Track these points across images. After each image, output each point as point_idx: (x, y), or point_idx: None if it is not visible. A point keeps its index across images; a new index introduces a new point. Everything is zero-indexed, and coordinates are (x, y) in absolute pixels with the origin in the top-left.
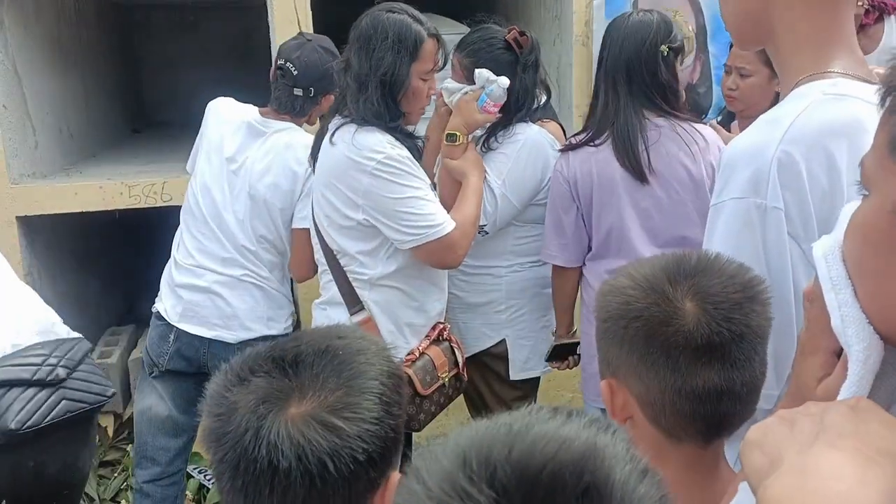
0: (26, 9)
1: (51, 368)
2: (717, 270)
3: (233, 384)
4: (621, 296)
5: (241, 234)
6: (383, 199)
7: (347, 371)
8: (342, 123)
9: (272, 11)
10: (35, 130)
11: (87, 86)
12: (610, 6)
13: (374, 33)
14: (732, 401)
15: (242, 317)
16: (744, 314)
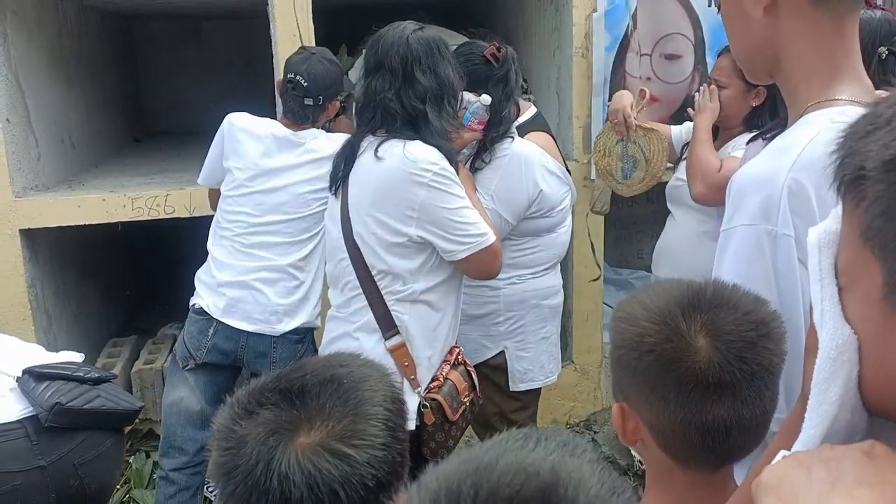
0: (29, 22)
1: (87, 370)
2: (732, 306)
3: (241, 417)
4: (636, 326)
5: (283, 236)
6: (439, 211)
7: (353, 399)
8: (385, 139)
9: (274, 24)
10: (38, 142)
11: (88, 96)
12: (610, 18)
13: (428, 52)
14: (742, 434)
15: (282, 311)
16: (756, 353)
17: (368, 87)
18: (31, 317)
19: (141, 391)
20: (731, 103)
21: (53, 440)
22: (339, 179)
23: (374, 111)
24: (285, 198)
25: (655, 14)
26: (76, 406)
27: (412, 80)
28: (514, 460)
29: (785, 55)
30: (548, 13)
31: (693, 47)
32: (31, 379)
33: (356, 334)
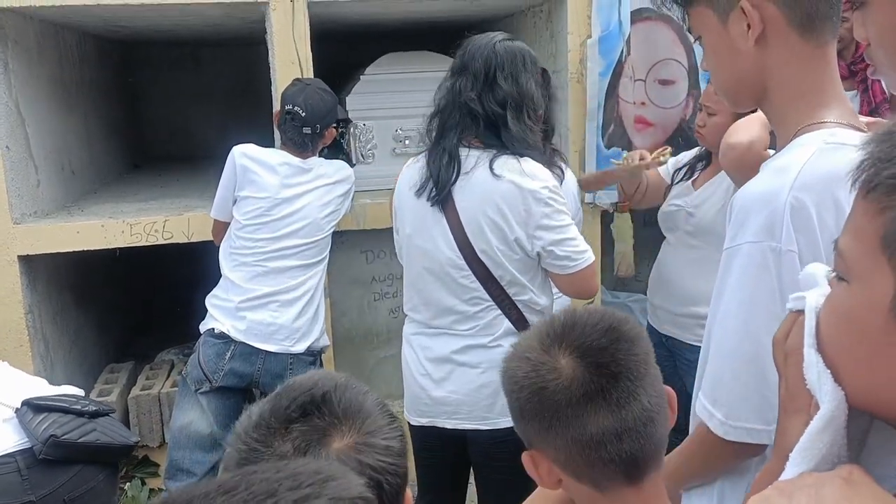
0: (30, 50)
1: (85, 403)
2: (581, 323)
3: (269, 438)
4: (508, 371)
5: (298, 259)
6: (555, 227)
7: (364, 399)
8: (497, 154)
9: (273, 51)
10: (37, 169)
11: (88, 123)
12: (604, 44)
13: (513, 60)
14: (632, 438)
15: (298, 332)
16: (610, 355)
17: (452, 87)
18: (28, 343)
19: (138, 417)
20: (720, 130)
21: (45, 474)
22: (445, 192)
23: (458, 113)
24: (301, 224)
25: (649, 40)
26: (71, 439)
27: (493, 84)
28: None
29: (773, 82)
30: (543, 39)
31: (686, 72)
32: (29, 410)
33: (493, 343)
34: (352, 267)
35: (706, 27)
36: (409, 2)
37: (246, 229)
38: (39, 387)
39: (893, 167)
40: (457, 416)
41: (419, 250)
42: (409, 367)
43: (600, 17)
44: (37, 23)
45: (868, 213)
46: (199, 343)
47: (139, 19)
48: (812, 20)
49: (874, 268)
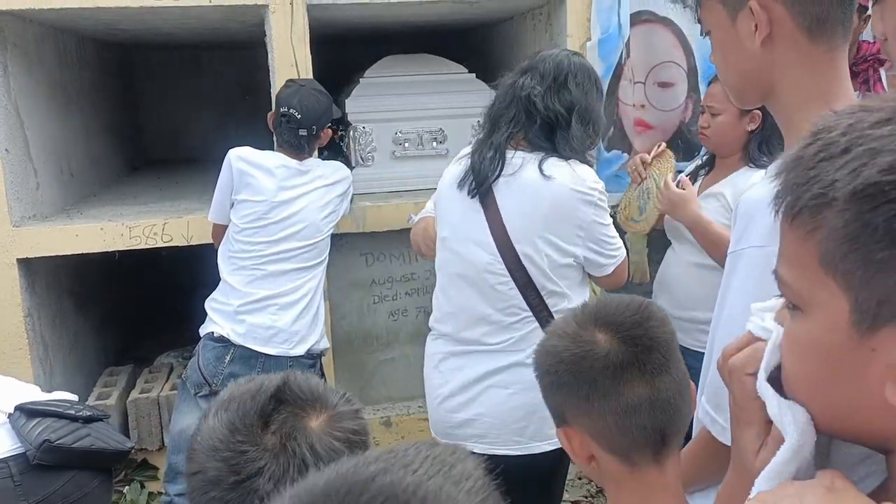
0: (29, 53)
1: (79, 408)
2: (613, 304)
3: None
4: (547, 346)
5: (297, 262)
6: (600, 228)
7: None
8: (545, 156)
9: (272, 54)
10: (37, 172)
11: (87, 126)
12: (604, 47)
13: (586, 74)
14: (663, 409)
15: (297, 335)
16: (645, 330)
17: (514, 84)
18: (27, 346)
19: (137, 420)
20: (725, 129)
21: (38, 480)
22: (486, 186)
23: (515, 108)
24: (299, 226)
25: (649, 43)
26: (65, 444)
27: (563, 86)
28: (388, 483)
29: (780, 83)
30: (543, 42)
31: (686, 75)
32: (23, 415)
33: (529, 360)
34: (351, 270)
35: (715, 22)
36: (408, 4)
37: (244, 233)
38: (32, 393)
39: (811, 189)
40: (485, 439)
41: (453, 254)
42: (433, 389)
43: (600, 20)
44: (36, 26)
45: (798, 240)
46: (199, 347)
47: (138, 22)
48: (822, 24)
49: (822, 290)
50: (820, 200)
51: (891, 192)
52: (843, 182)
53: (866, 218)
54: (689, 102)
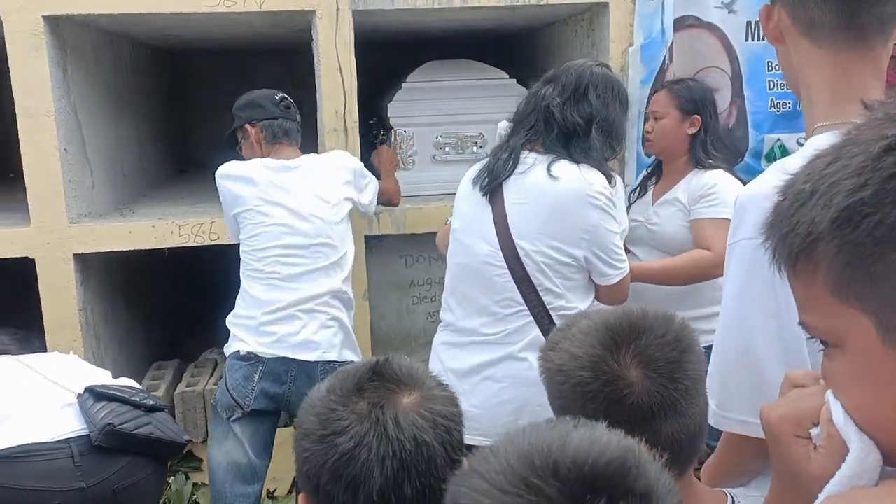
0: (87, 58)
1: (144, 396)
2: (650, 331)
3: (345, 399)
4: (573, 378)
5: (314, 261)
6: (607, 234)
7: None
8: (556, 158)
9: (318, 59)
10: (92, 172)
11: (139, 129)
12: (646, 52)
13: (608, 86)
14: (690, 442)
15: (325, 340)
16: (683, 369)
17: (536, 93)
18: (81, 338)
19: (183, 413)
20: (667, 132)
21: (97, 463)
22: (496, 184)
23: (534, 117)
24: (300, 222)
25: (692, 48)
26: (127, 430)
27: (583, 97)
28: (587, 433)
29: (800, 81)
30: (584, 48)
31: (730, 80)
32: (91, 397)
33: (522, 354)
34: (391, 271)
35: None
36: (449, 11)
37: (249, 242)
38: (102, 377)
39: (798, 234)
40: (476, 431)
41: (460, 245)
42: None
43: (643, 25)
44: (93, 31)
45: (806, 284)
46: (226, 368)
47: (189, 28)
48: (817, 28)
49: (844, 319)
50: (809, 240)
51: (862, 209)
52: (820, 217)
53: (852, 237)
54: (732, 108)
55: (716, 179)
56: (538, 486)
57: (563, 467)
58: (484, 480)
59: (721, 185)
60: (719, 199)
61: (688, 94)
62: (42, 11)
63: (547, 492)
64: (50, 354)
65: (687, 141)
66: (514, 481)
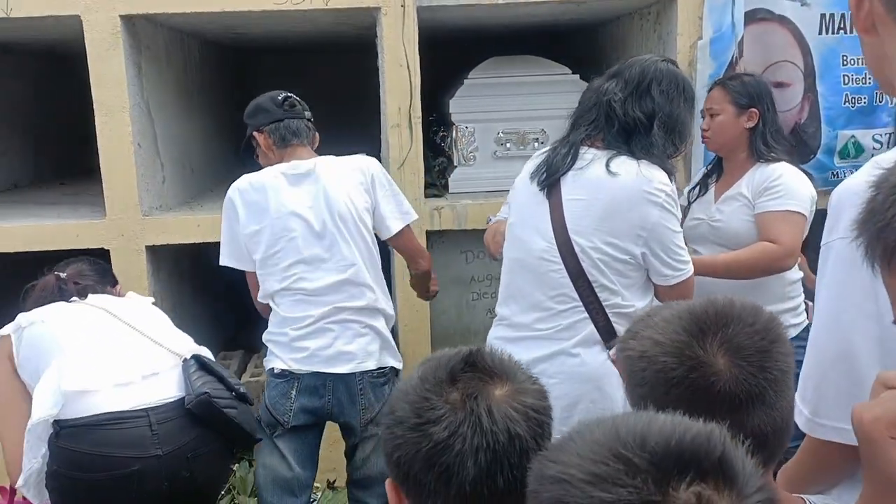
0: (159, 56)
1: (239, 383)
2: (737, 321)
3: (439, 388)
4: (655, 364)
5: (339, 273)
6: (668, 233)
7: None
8: (615, 154)
9: (382, 55)
10: (163, 166)
11: (206, 125)
12: (715, 46)
13: (673, 82)
14: (776, 436)
15: (361, 352)
16: (773, 359)
17: (599, 87)
18: None
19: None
20: (725, 128)
21: (172, 432)
22: (554, 179)
23: (595, 111)
24: (325, 234)
25: (763, 41)
26: (218, 404)
27: (646, 93)
28: (671, 419)
29: (892, 71)
30: (650, 42)
31: (803, 75)
32: (196, 365)
33: (575, 350)
34: (451, 266)
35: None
36: (513, 5)
37: (270, 261)
38: (205, 351)
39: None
40: None
41: (516, 240)
42: None
43: (712, 19)
44: (166, 30)
45: None
46: (265, 385)
47: (256, 27)
48: None
49: None
50: None
51: None
52: None
53: None
54: (805, 103)
55: (780, 171)
56: (627, 457)
57: (652, 440)
58: (571, 454)
59: (786, 176)
60: (784, 191)
61: (742, 89)
62: (119, 11)
63: (636, 462)
64: (135, 302)
65: (745, 135)
66: (602, 452)
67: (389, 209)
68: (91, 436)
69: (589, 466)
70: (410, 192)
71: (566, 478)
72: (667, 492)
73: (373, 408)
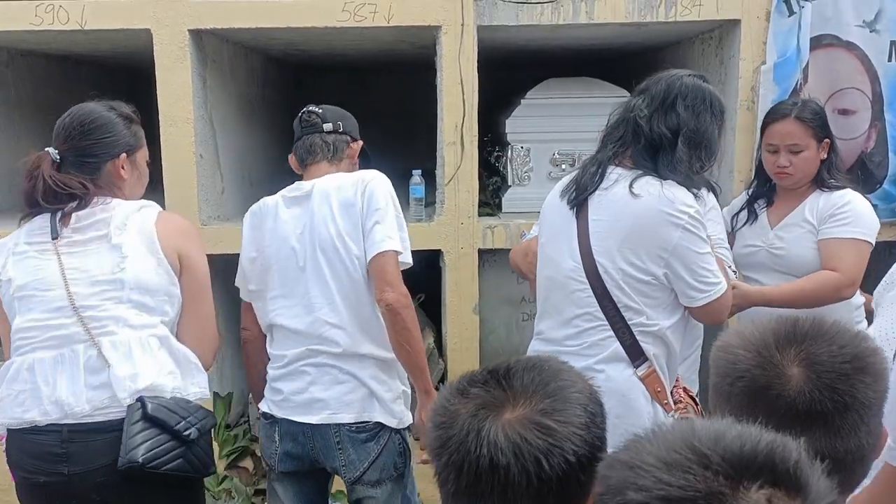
0: (223, 70)
1: (189, 425)
2: (828, 338)
3: (454, 396)
4: (730, 354)
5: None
6: (690, 254)
7: (554, 383)
8: (640, 175)
9: (441, 74)
10: (223, 177)
11: (265, 139)
12: (779, 71)
13: (699, 97)
14: (838, 468)
15: (335, 401)
16: (850, 385)
17: (627, 104)
18: None
19: None
20: (810, 164)
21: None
22: (583, 198)
23: (623, 127)
24: (311, 263)
25: (830, 67)
26: (154, 467)
27: (671, 109)
28: (739, 428)
29: None
30: (712, 66)
31: (870, 103)
32: (139, 415)
33: (599, 366)
34: (503, 286)
35: None
36: (576, 27)
37: (260, 293)
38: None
39: None
40: None
41: (548, 259)
42: None
43: (776, 43)
44: (231, 45)
45: None
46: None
47: (318, 43)
48: None
49: None
50: None
51: None
52: None
53: None
54: (872, 132)
55: (848, 197)
56: (701, 451)
57: (727, 440)
58: (645, 444)
59: (854, 203)
60: (852, 217)
61: (819, 121)
62: (188, 25)
63: (710, 455)
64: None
65: (820, 167)
66: (676, 444)
67: (373, 232)
68: (15, 440)
69: (662, 454)
70: (464, 210)
71: (637, 462)
72: (737, 489)
73: (354, 466)
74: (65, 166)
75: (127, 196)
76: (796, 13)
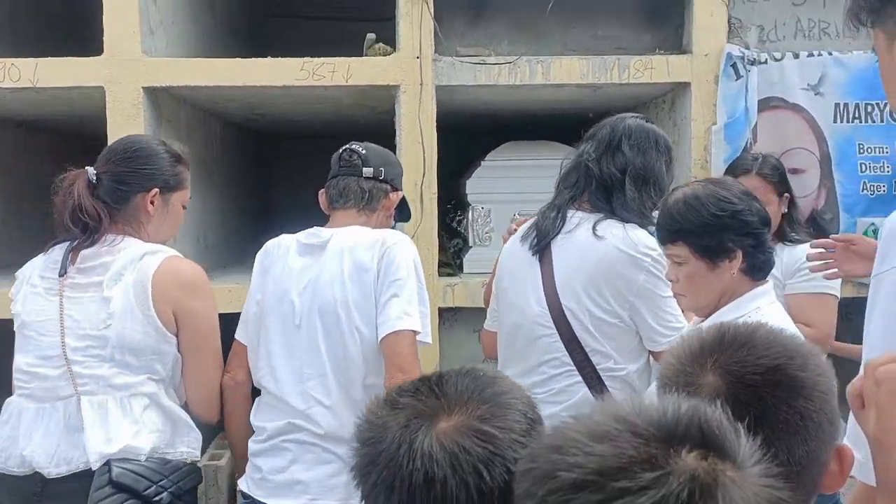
0: (181, 131)
1: (161, 490)
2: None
3: (382, 409)
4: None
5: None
6: (655, 297)
7: (490, 389)
8: (602, 218)
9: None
10: (176, 240)
11: (223, 203)
12: (729, 131)
13: (643, 135)
14: None
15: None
16: (757, 397)
17: (578, 150)
18: None
19: None
20: (773, 216)
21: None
22: (545, 243)
23: (576, 173)
24: (301, 330)
25: (778, 128)
26: None
27: (617, 149)
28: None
29: None
30: (666, 128)
31: (818, 162)
32: (106, 479)
33: (563, 414)
34: (464, 345)
35: (879, 48)
36: (532, 88)
37: (255, 346)
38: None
39: None
40: None
41: (512, 305)
42: None
43: (726, 105)
44: (188, 107)
45: None
46: None
47: (277, 107)
48: None
49: None
50: None
51: None
52: None
53: None
54: (821, 190)
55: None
56: (630, 421)
57: (650, 408)
58: (571, 430)
59: None
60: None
61: (778, 176)
62: (142, 83)
63: (639, 424)
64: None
65: (780, 221)
66: (602, 419)
67: (388, 306)
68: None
69: (590, 428)
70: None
71: (563, 443)
72: (668, 453)
73: None
74: (98, 189)
75: (150, 235)
76: (743, 76)
